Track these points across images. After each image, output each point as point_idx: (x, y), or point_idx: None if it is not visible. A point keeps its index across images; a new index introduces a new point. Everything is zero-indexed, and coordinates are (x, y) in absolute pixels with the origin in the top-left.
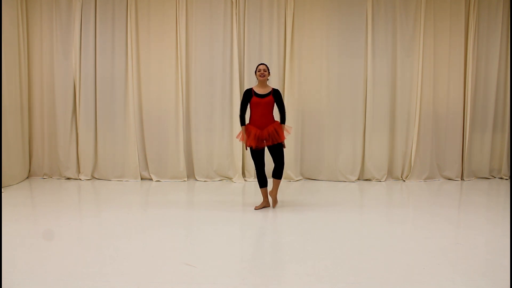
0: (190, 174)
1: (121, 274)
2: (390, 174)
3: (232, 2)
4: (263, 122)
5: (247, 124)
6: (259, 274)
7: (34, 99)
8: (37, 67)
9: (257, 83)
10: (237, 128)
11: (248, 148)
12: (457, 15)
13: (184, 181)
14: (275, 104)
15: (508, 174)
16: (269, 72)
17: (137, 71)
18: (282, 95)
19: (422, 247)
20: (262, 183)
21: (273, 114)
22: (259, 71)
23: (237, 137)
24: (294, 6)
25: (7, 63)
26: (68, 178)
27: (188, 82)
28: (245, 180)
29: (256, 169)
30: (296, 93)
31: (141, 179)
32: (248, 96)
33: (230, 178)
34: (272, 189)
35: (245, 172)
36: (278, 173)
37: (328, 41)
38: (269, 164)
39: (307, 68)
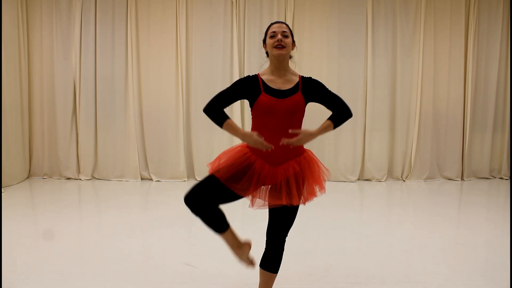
0: (190, 174)
1: (121, 274)
2: (390, 174)
3: (232, 2)
4: (280, 149)
5: (246, 145)
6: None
7: (34, 99)
8: (37, 67)
9: (266, 65)
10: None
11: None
12: (457, 15)
13: (184, 181)
14: (305, 109)
15: (508, 174)
16: (293, 41)
17: (137, 71)
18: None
19: (422, 247)
20: (219, 222)
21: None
22: (272, 36)
23: (208, 166)
24: (294, 6)
25: (7, 63)
26: (68, 178)
27: (188, 82)
28: None
29: (188, 198)
30: None
31: (141, 179)
32: (250, 88)
33: None
34: None
35: None
36: (274, 261)
37: (328, 41)
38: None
39: (307, 68)
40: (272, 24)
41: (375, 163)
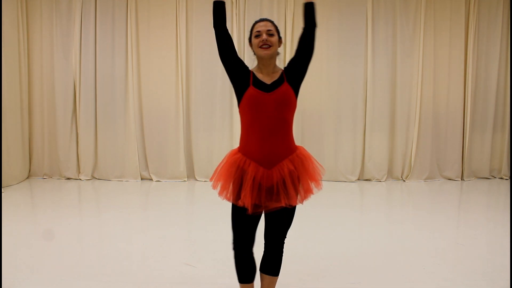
0: (190, 174)
1: (121, 274)
2: (390, 174)
3: (232, 2)
4: (272, 148)
5: (237, 151)
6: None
7: (34, 99)
8: (37, 67)
9: (254, 63)
10: (238, 127)
11: (227, 202)
12: (457, 15)
13: (184, 181)
14: (296, 99)
15: (508, 174)
16: (279, 38)
17: (137, 71)
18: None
19: (422, 247)
20: (247, 274)
21: (292, 130)
22: (257, 36)
23: (211, 181)
24: (294, 6)
25: (7, 63)
26: (68, 178)
27: (188, 82)
28: None
29: (235, 246)
30: None
31: (141, 179)
32: (244, 74)
33: None
34: None
35: None
36: (275, 264)
37: (328, 41)
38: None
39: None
40: (256, 22)
41: (375, 163)
